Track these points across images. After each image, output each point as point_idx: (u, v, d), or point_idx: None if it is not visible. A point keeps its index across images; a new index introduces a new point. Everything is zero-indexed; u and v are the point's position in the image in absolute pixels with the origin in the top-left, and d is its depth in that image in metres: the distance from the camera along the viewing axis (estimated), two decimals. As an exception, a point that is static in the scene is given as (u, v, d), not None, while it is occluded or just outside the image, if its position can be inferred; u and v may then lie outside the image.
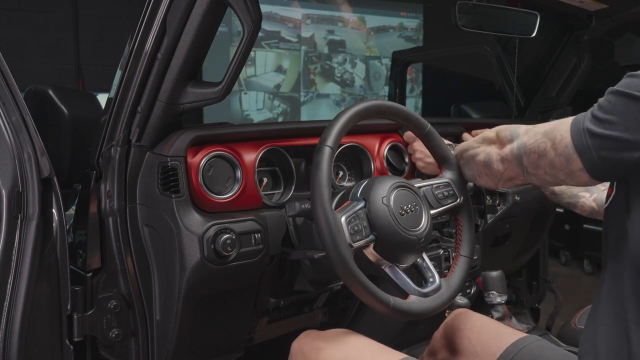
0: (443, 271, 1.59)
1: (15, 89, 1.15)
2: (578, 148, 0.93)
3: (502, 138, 1.14)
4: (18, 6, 3.89)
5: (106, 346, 1.30)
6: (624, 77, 0.89)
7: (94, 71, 4.11)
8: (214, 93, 1.22)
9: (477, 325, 1.27)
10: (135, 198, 1.28)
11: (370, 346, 1.16)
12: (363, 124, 1.37)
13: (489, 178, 1.21)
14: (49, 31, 3.98)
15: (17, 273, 1.10)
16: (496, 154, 1.15)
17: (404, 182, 1.26)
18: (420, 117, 1.36)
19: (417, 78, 5.13)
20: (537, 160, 1.03)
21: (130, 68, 1.22)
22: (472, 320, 1.30)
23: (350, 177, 1.59)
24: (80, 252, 1.31)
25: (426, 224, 1.24)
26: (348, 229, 1.13)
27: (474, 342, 1.24)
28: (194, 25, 1.16)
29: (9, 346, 1.09)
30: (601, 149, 0.90)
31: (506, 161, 1.13)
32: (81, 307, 1.25)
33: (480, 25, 1.74)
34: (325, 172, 1.14)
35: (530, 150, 1.05)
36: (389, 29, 5.22)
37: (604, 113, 0.89)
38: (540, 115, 2.34)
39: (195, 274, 1.22)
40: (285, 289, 1.46)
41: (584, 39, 2.07)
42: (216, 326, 1.37)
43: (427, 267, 1.29)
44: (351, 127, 1.23)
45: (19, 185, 1.12)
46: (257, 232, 1.29)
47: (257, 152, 1.36)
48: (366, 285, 1.12)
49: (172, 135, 1.26)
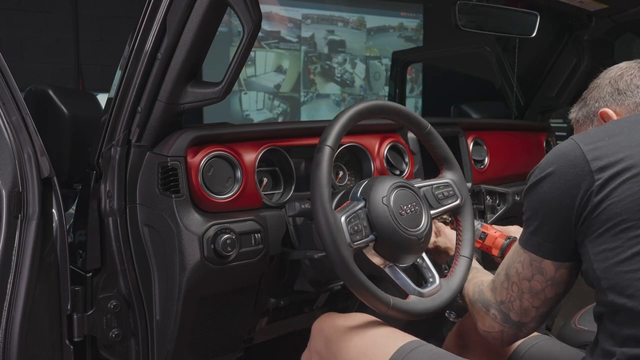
0: (443, 271, 1.59)
1: (15, 89, 1.15)
2: (542, 253, 0.96)
3: (478, 313, 1.12)
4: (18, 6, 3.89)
5: (106, 346, 1.30)
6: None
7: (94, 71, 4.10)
8: (214, 93, 1.22)
9: None
10: (135, 198, 1.28)
11: (389, 331, 1.17)
12: (363, 124, 1.37)
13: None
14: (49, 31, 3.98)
15: (17, 273, 1.10)
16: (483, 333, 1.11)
17: (404, 182, 1.26)
18: (420, 117, 1.36)
19: (417, 78, 5.13)
20: (520, 303, 1.01)
21: (130, 68, 1.22)
22: None
23: (350, 177, 1.59)
24: (80, 252, 1.31)
25: (426, 224, 1.24)
26: (348, 229, 1.14)
27: (486, 343, 1.25)
28: (194, 25, 1.16)
29: (9, 346, 1.09)
30: (542, 237, 0.95)
31: (497, 332, 1.08)
32: (81, 307, 1.25)
33: (480, 25, 1.75)
34: (325, 172, 1.14)
35: (509, 302, 1.03)
36: (389, 29, 5.22)
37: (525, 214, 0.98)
38: (540, 116, 2.34)
39: (195, 274, 1.22)
40: (285, 289, 1.46)
41: (584, 39, 2.07)
42: (216, 326, 1.37)
43: (427, 267, 1.29)
44: (351, 127, 1.23)
45: (19, 185, 1.12)
46: (257, 232, 1.29)
47: (257, 152, 1.36)
48: (366, 285, 1.12)
49: (172, 135, 1.26)
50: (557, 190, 0.89)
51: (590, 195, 0.86)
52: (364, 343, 1.14)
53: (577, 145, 0.89)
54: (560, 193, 0.89)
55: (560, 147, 0.92)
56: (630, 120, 0.96)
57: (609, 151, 0.87)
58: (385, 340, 1.13)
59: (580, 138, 0.91)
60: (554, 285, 0.97)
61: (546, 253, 0.95)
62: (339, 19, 5.01)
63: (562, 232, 0.91)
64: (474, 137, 1.94)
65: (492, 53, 2.59)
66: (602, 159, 0.86)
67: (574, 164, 0.88)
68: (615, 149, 0.87)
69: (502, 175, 2.00)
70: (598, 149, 0.88)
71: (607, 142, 0.88)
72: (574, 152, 0.89)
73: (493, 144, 2.00)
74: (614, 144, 0.88)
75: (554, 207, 0.91)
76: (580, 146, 0.89)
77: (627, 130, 0.90)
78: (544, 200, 0.92)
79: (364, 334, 1.16)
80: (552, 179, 0.90)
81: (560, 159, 0.90)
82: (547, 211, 0.92)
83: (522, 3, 1.89)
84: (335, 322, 1.22)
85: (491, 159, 1.97)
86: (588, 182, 0.86)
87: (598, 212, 0.86)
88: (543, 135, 2.26)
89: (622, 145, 0.87)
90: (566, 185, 0.88)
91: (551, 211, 0.92)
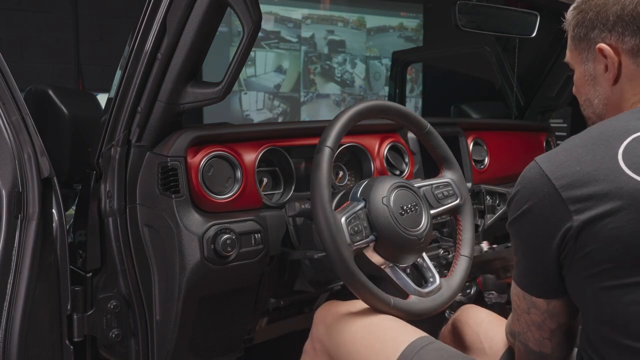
0: (443, 271, 1.59)
1: (15, 89, 1.15)
2: (529, 290, 0.93)
3: (511, 343, 1.09)
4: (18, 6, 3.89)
5: (106, 346, 1.30)
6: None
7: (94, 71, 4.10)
8: (214, 93, 1.22)
9: (485, 321, 1.28)
10: (135, 198, 1.28)
11: (390, 320, 1.16)
12: (363, 124, 1.37)
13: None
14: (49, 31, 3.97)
15: (17, 273, 1.10)
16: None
17: (404, 182, 1.27)
18: (420, 117, 1.36)
19: (417, 78, 5.13)
20: (532, 334, 0.97)
21: (130, 68, 1.22)
22: (479, 316, 1.30)
23: (350, 178, 1.59)
24: (80, 252, 1.31)
25: (426, 224, 1.24)
26: (348, 230, 1.14)
27: (482, 338, 1.25)
28: (194, 25, 1.16)
29: (9, 346, 1.09)
30: (527, 274, 0.92)
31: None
32: (81, 307, 1.25)
33: (480, 25, 1.74)
34: (325, 172, 1.14)
35: (523, 333, 0.99)
36: (389, 29, 5.22)
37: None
38: (540, 116, 2.34)
39: (195, 274, 1.22)
40: (285, 289, 1.46)
41: (584, 39, 2.06)
42: (216, 326, 1.37)
43: (427, 267, 1.29)
44: (351, 127, 1.23)
45: (19, 185, 1.12)
46: (257, 232, 1.29)
47: (257, 152, 1.36)
48: (366, 285, 1.12)
49: (172, 136, 1.26)
50: (536, 228, 0.86)
51: (569, 238, 0.82)
52: (370, 336, 1.13)
53: (548, 179, 0.83)
54: (538, 232, 0.86)
55: (531, 180, 0.86)
56: (591, 137, 0.87)
57: (581, 181, 0.81)
58: (394, 335, 1.12)
59: (550, 168, 0.84)
60: (553, 316, 0.93)
61: (533, 290, 0.92)
62: (339, 19, 5.01)
63: (545, 270, 0.88)
64: (474, 137, 1.94)
65: (492, 53, 2.59)
66: (575, 191, 0.81)
67: (550, 203, 0.83)
68: (586, 178, 0.81)
69: (502, 175, 2.00)
70: (570, 182, 0.82)
71: (577, 170, 0.82)
72: (546, 188, 0.83)
73: (493, 144, 2.00)
74: (584, 173, 0.82)
75: (535, 247, 0.88)
76: (552, 180, 0.83)
77: (591, 153, 0.84)
78: (524, 237, 0.89)
79: (370, 325, 1.15)
80: (529, 216, 0.86)
81: (534, 194, 0.85)
82: (528, 249, 0.90)
83: (522, 3, 1.88)
84: (338, 310, 1.22)
85: (491, 159, 1.97)
86: (566, 221, 0.82)
87: (581, 255, 0.82)
88: (543, 135, 2.26)
89: (593, 174, 0.81)
90: (544, 224, 0.84)
91: (533, 250, 0.89)
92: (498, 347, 1.21)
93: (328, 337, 1.19)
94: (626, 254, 0.79)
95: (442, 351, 1.07)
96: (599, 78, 0.98)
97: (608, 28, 0.94)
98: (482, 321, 1.28)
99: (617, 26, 0.93)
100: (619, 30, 0.93)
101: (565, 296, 0.90)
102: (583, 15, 0.98)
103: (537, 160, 0.88)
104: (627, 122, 0.87)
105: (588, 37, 0.98)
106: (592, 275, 0.82)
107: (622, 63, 0.94)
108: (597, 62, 0.97)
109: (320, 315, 1.25)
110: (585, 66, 1.00)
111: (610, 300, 0.81)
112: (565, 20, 1.05)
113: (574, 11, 1.02)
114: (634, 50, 0.92)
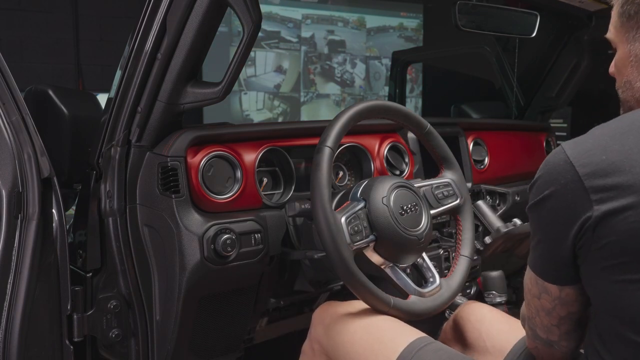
0: (443, 271, 1.59)
1: (15, 89, 1.15)
2: (542, 275, 0.92)
3: (522, 327, 1.07)
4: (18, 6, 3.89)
5: (106, 346, 1.30)
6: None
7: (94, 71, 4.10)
8: (214, 93, 1.22)
9: (487, 318, 1.27)
10: (135, 198, 1.28)
11: (389, 320, 1.16)
12: (363, 124, 1.37)
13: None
14: (49, 31, 3.97)
15: (17, 273, 1.10)
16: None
17: (404, 182, 1.27)
18: (420, 117, 1.36)
19: (417, 78, 5.13)
20: (541, 320, 0.97)
21: (130, 68, 1.22)
22: (481, 312, 1.29)
23: (350, 177, 1.59)
24: (80, 252, 1.31)
25: (426, 224, 1.24)
26: (348, 230, 1.14)
27: (484, 336, 1.24)
28: (194, 25, 1.16)
29: (9, 346, 1.09)
30: (542, 259, 0.91)
31: (533, 349, 1.03)
32: (81, 307, 1.25)
33: (480, 25, 1.75)
34: (325, 172, 1.14)
35: (532, 318, 0.99)
36: (389, 29, 5.22)
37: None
38: (540, 116, 2.34)
39: (195, 274, 1.22)
40: (285, 289, 1.46)
41: (584, 39, 2.06)
42: (216, 326, 1.37)
43: (427, 267, 1.29)
44: (351, 127, 1.23)
45: (19, 185, 1.12)
46: (257, 232, 1.29)
47: (257, 152, 1.36)
48: (366, 285, 1.12)
49: (172, 136, 1.26)
50: (556, 215, 0.85)
51: (587, 228, 0.81)
52: (369, 337, 1.13)
53: (572, 166, 0.82)
54: (558, 218, 0.85)
55: (555, 166, 0.85)
56: (621, 127, 0.85)
57: (605, 171, 0.80)
58: (393, 335, 1.11)
59: (575, 154, 0.83)
60: (564, 304, 0.91)
61: (546, 276, 0.91)
62: (339, 19, 5.01)
63: (560, 258, 0.87)
64: (474, 137, 1.94)
65: (492, 53, 2.59)
66: (598, 180, 0.80)
67: (572, 190, 0.82)
68: (611, 168, 0.79)
69: (502, 175, 2.00)
70: (594, 170, 0.80)
71: (603, 159, 0.81)
72: (570, 175, 0.82)
73: (493, 144, 2.00)
74: (609, 162, 0.80)
75: (552, 234, 0.87)
76: (576, 167, 0.82)
77: (619, 142, 0.82)
78: (543, 223, 0.89)
79: (369, 326, 1.15)
80: (550, 203, 0.85)
81: (556, 180, 0.84)
82: (545, 235, 0.89)
83: (522, 3, 1.89)
84: (336, 311, 1.22)
85: (491, 159, 1.97)
86: (586, 210, 0.80)
87: (598, 246, 0.81)
88: (543, 135, 2.26)
89: (618, 164, 0.80)
90: (564, 211, 0.83)
91: (550, 236, 0.88)
92: (500, 345, 1.20)
93: (326, 338, 1.19)
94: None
95: (441, 352, 1.06)
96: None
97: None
98: (483, 318, 1.28)
99: None
100: None
101: (578, 285, 0.89)
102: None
103: (563, 146, 0.85)
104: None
105: (639, 16, 0.91)
106: (607, 267, 0.81)
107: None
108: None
109: (319, 316, 1.25)
110: (632, 46, 0.93)
111: (623, 294, 0.80)
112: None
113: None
114: None
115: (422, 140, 1.40)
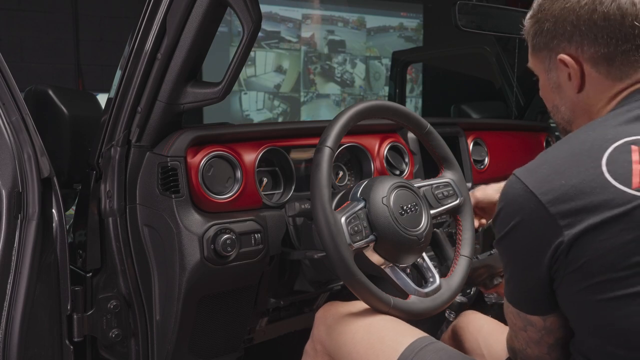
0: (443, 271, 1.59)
1: (15, 89, 1.15)
2: (523, 308, 0.92)
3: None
4: (18, 6, 3.89)
5: (106, 346, 1.30)
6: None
7: (94, 71, 4.10)
8: (214, 93, 1.22)
9: (485, 327, 1.28)
10: (135, 198, 1.28)
11: (390, 320, 1.16)
12: (363, 124, 1.37)
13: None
14: (49, 31, 3.97)
15: (17, 273, 1.10)
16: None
17: (404, 182, 1.27)
18: (420, 117, 1.36)
19: (417, 78, 5.13)
20: (531, 351, 0.96)
21: (130, 68, 1.22)
22: (479, 323, 1.30)
23: (350, 177, 1.59)
24: (80, 252, 1.31)
25: (426, 224, 1.24)
26: (348, 230, 1.14)
27: (481, 344, 1.25)
28: (194, 25, 1.16)
29: (9, 346, 1.09)
30: (519, 292, 0.91)
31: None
32: (81, 307, 1.25)
33: (480, 25, 1.75)
34: (325, 172, 1.14)
35: (523, 349, 0.98)
36: (389, 29, 5.22)
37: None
38: (540, 116, 2.34)
39: (195, 274, 1.22)
40: (285, 289, 1.46)
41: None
42: (216, 326, 1.37)
43: (427, 267, 1.29)
44: (351, 127, 1.23)
45: (19, 185, 1.12)
46: (257, 232, 1.29)
47: (257, 152, 1.36)
48: (366, 286, 1.12)
49: (172, 136, 1.26)
50: (526, 245, 0.84)
51: (560, 252, 0.80)
52: (371, 337, 1.13)
53: (534, 195, 0.81)
54: (528, 248, 0.84)
55: (515, 197, 0.84)
56: (572, 149, 0.85)
57: (568, 195, 0.80)
58: (394, 335, 1.12)
59: (534, 183, 0.82)
60: (550, 333, 0.91)
61: (526, 308, 0.91)
62: (339, 19, 5.01)
63: (536, 286, 0.86)
64: (474, 137, 1.94)
65: (492, 53, 2.59)
66: (563, 205, 0.80)
67: (538, 218, 0.81)
68: (573, 192, 0.79)
69: (502, 175, 1.99)
70: (557, 196, 0.80)
71: (562, 183, 0.81)
72: (532, 204, 0.82)
73: (493, 144, 2.00)
74: (570, 186, 0.80)
75: (526, 264, 0.86)
76: (537, 195, 0.81)
77: (574, 165, 0.82)
78: (514, 254, 0.88)
79: (371, 326, 1.15)
80: (518, 233, 0.84)
81: (520, 210, 0.83)
82: (518, 266, 0.88)
83: (522, 3, 1.89)
84: (338, 311, 1.22)
85: (491, 159, 1.97)
86: (557, 236, 0.80)
87: (575, 267, 0.80)
88: (543, 135, 2.26)
89: (580, 187, 0.80)
90: (534, 240, 0.83)
91: (523, 267, 0.87)
92: (498, 355, 1.20)
93: (328, 338, 1.19)
94: (619, 265, 0.78)
95: (442, 352, 1.06)
96: (564, 86, 0.97)
97: (567, 38, 0.92)
98: (481, 327, 1.28)
99: (575, 36, 0.91)
100: (577, 40, 0.91)
101: (559, 311, 0.88)
102: (540, 25, 0.96)
103: (518, 175, 0.85)
104: (605, 131, 0.85)
105: (548, 47, 0.96)
106: (586, 287, 0.81)
107: (584, 71, 0.93)
108: (560, 71, 0.95)
109: (321, 316, 1.25)
110: (549, 75, 0.99)
111: (608, 312, 0.80)
112: (523, 27, 1.03)
113: (531, 20, 0.99)
114: (594, 58, 0.91)
115: (422, 140, 1.40)
